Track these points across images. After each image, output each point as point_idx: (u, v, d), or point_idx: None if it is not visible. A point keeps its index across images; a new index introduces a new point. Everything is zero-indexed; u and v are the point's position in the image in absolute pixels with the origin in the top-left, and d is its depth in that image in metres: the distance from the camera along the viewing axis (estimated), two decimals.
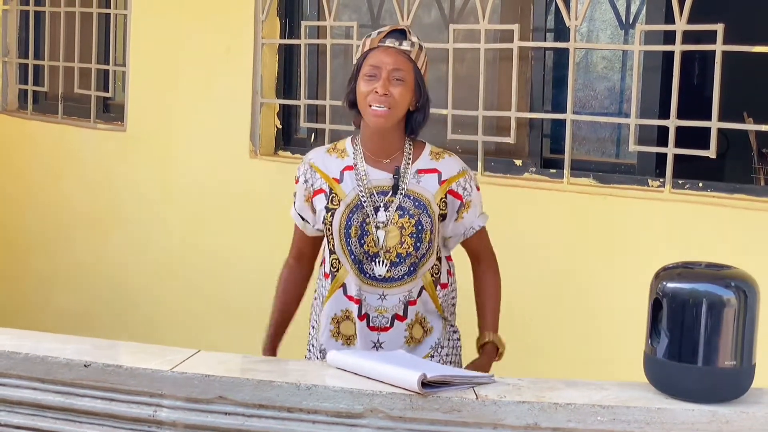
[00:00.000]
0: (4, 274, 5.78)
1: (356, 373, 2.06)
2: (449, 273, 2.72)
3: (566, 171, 3.83)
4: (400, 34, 2.58)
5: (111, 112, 5.37)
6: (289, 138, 4.77)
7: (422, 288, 2.63)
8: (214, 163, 4.81)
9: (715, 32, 3.46)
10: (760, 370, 1.98)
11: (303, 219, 2.71)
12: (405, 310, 2.61)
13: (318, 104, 4.54)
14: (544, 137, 4.06)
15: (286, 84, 4.73)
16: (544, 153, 4.04)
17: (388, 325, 2.61)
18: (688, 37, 3.57)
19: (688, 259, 2.06)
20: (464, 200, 2.64)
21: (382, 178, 2.61)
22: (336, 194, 2.62)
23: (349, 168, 2.63)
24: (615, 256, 3.70)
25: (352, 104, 2.62)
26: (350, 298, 2.63)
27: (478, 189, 2.69)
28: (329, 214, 2.61)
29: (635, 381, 2.06)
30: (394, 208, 2.58)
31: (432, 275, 2.64)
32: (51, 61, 5.54)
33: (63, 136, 5.45)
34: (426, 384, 1.94)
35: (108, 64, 5.28)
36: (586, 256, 3.79)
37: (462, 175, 2.65)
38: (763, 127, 3.51)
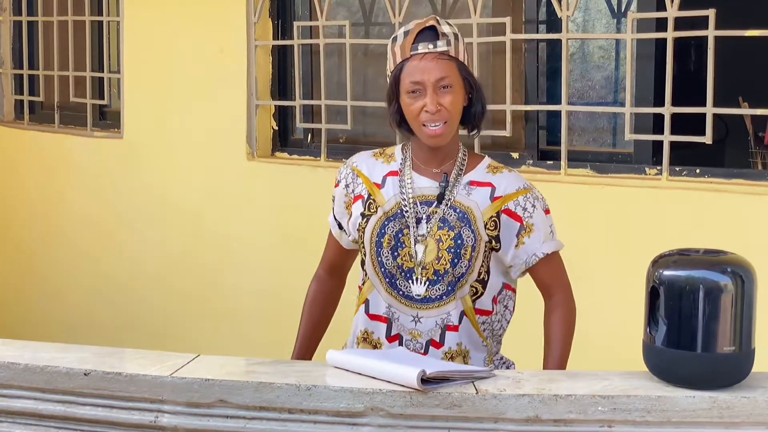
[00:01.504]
0: (6, 284, 5.78)
1: (356, 372, 2.05)
2: (494, 301, 2.40)
3: (563, 162, 3.83)
4: (431, 31, 2.28)
5: (107, 119, 5.38)
6: (285, 139, 4.77)
7: (463, 314, 2.35)
8: (212, 167, 4.81)
9: (707, 18, 3.45)
10: (760, 354, 1.97)
11: (340, 227, 2.48)
12: (442, 336, 2.34)
13: (313, 104, 4.54)
14: (540, 129, 4.06)
15: (281, 85, 4.73)
16: (541, 145, 4.05)
17: (422, 351, 2.34)
18: (683, 23, 3.56)
19: (687, 246, 2.06)
20: (524, 222, 2.34)
21: (428, 186, 2.36)
22: (374, 200, 2.38)
23: (393, 173, 2.39)
24: (614, 245, 3.70)
25: (400, 123, 2.36)
26: (372, 317, 2.40)
27: (546, 212, 2.40)
28: (364, 220, 2.38)
29: (637, 370, 2.05)
30: (436, 220, 2.33)
31: (472, 299, 2.36)
32: (46, 70, 5.55)
33: (60, 145, 5.46)
34: (425, 380, 1.94)
35: (102, 71, 5.29)
36: (585, 246, 3.78)
37: (521, 194, 2.36)
38: (759, 111, 3.51)
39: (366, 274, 2.41)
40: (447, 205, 2.34)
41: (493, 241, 2.34)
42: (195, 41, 4.79)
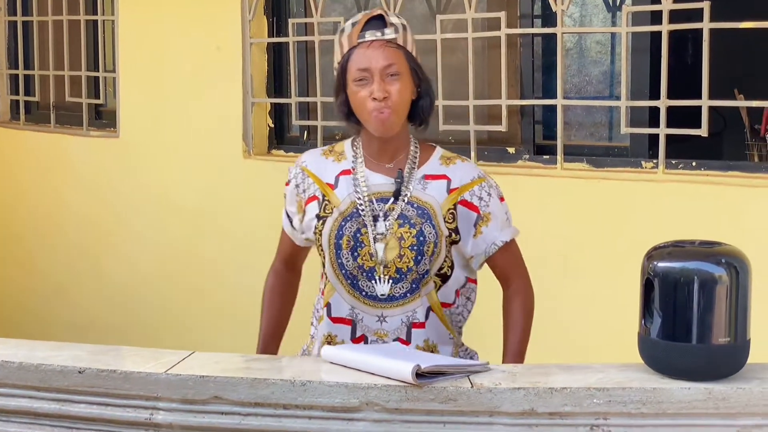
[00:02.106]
0: (4, 284, 5.78)
1: (350, 367, 2.05)
2: (457, 293, 2.40)
3: (559, 156, 3.82)
4: (379, 20, 2.28)
5: (103, 118, 5.37)
6: (282, 136, 4.77)
7: (429, 309, 2.34)
8: (209, 165, 4.81)
9: (701, 10, 3.45)
10: (756, 345, 1.97)
11: (293, 227, 2.46)
12: (408, 334, 2.33)
13: (309, 101, 4.53)
14: (536, 124, 4.06)
15: (277, 82, 4.72)
16: (537, 139, 4.04)
17: None
18: (678, 16, 3.56)
19: (684, 239, 2.05)
20: (481, 212, 2.34)
21: (383, 182, 2.33)
22: (329, 201, 2.35)
23: (346, 172, 2.36)
24: (611, 239, 3.69)
25: (348, 115, 2.34)
26: (335, 320, 2.37)
27: (501, 200, 2.39)
28: (320, 222, 2.35)
29: (635, 362, 2.05)
30: (395, 217, 2.30)
31: (436, 293, 2.35)
32: (41, 70, 5.55)
33: (57, 145, 5.46)
34: (420, 374, 1.93)
35: (98, 70, 5.28)
36: (582, 240, 3.79)
37: (477, 183, 2.35)
38: (754, 103, 3.51)
39: (327, 278, 2.37)
40: (404, 201, 2.31)
41: (453, 234, 2.33)
42: (190, 39, 4.78)
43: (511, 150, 4.03)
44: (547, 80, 4.05)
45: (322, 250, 2.36)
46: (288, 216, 2.48)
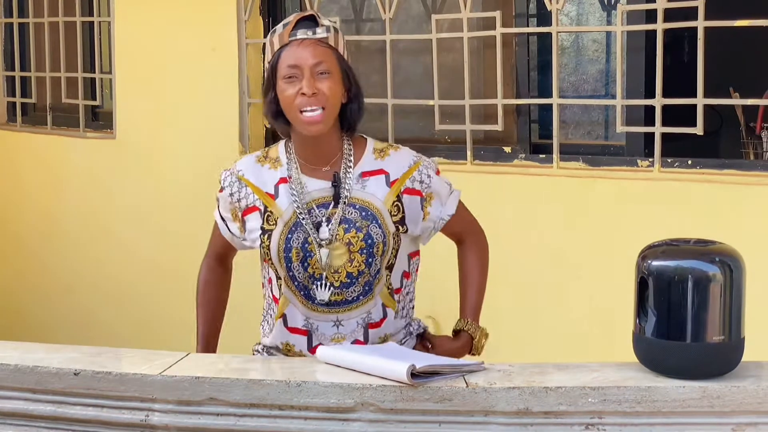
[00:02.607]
0: (2, 285, 5.78)
1: (346, 368, 2.05)
2: (406, 275, 2.39)
3: (555, 156, 3.83)
4: (311, 21, 2.26)
5: (100, 120, 5.37)
6: (278, 137, 4.74)
7: (383, 307, 2.33)
8: (205, 166, 4.79)
9: (696, 8, 3.45)
10: (750, 343, 1.97)
11: (231, 232, 2.43)
12: (366, 335, 2.32)
13: None
14: (532, 123, 4.06)
15: None
16: (533, 139, 4.05)
17: None
18: (673, 14, 3.56)
19: (679, 237, 2.05)
20: (424, 194, 2.33)
21: (321, 188, 2.29)
22: (272, 212, 2.30)
23: (284, 180, 2.31)
24: (607, 238, 3.70)
25: (277, 114, 2.29)
26: (293, 330, 2.34)
27: (437, 173, 2.37)
28: (266, 236, 2.30)
29: (630, 361, 2.05)
30: (338, 222, 2.26)
31: (387, 287, 2.34)
32: (37, 72, 5.54)
33: (54, 147, 5.45)
34: (415, 374, 1.94)
35: (94, 72, 5.27)
36: (578, 239, 3.79)
37: (414, 169, 2.32)
38: (749, 101, 3.51)
39: (279, 288, 2.34)
40: (345, 203, 2.28)
41: (399, 227, 2.31)
42: (186, 40, 4.78)
43: (507, 149, 4.03)
44: (542, 79, 4.05)
45: (272, 263, 2.33)
46: (223, 220, 2.45)
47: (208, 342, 2.51)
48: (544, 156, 3.92)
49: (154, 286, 5.03)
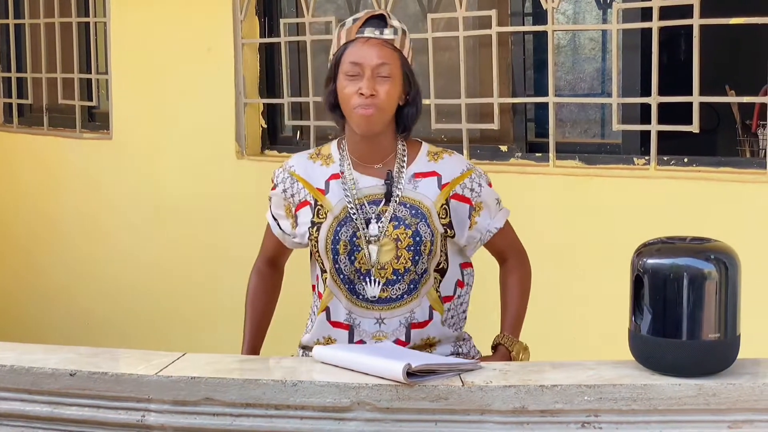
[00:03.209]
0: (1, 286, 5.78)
1: (342, 367, 2.05)
2: (460, 284, 2.41)
3: (552, 154, 3.83)
4: (380, 20, 2.26)
5: (96, 120, 5.37)
6: (275, 137, 4.76)
7: (430, 309, 2.34)
8: (202, 166, 4.81)
9: (692, 6, 3.45)
10: (746, 341, 1.97)
11: (282, 230, 2.44)
12: (408, 334, 2.32)
13: (302, 101, 4.53)
14: (528, 122, 4.06)
15: (269, 83, 4.72)
16: (529, 137, 4.05)
17: None
18: (668, 13, 3.56)
19: (675, 235, 2.05)
20: (473, 203, 2.35)
21: (373, 185, 2.31)
22: (322, 206, 2.32)
23: (335, 176, 2.34)
24: (604, 236, 3.70)
25: (334, 106, 2.31)
26: (335, 324, 2.35)
27: (489, 185, 2.40)
28: (315, 228, 2.32)
29: (626, 359, 2.05)
30: (388, 219, 2.28)
31: (437, 290, 2.35)
32: (34, 73, 5.54)
33: (50, 148, 5.45)
34: (411, 374, 1.94)
35: (90, 72, 5.26)
36: (575, 237, 3.79)
37: (467, 176, 2.35)
38: (745, 99, 3.51)
39: (324, 282, 2.36)
40: (396, 202, 2.30)
41: (447, 229, 2.33)
42: (182, 41, 4.78)
43: (504, 148, 4.03)
44: (538, 78, 4.05)
45: (319, 256, 2.34)
46: (275, 219, 2.46)
47: (254, 346, 2.51)
48: (540, 154, 3.92)
49: (151, 285, 5.03)
